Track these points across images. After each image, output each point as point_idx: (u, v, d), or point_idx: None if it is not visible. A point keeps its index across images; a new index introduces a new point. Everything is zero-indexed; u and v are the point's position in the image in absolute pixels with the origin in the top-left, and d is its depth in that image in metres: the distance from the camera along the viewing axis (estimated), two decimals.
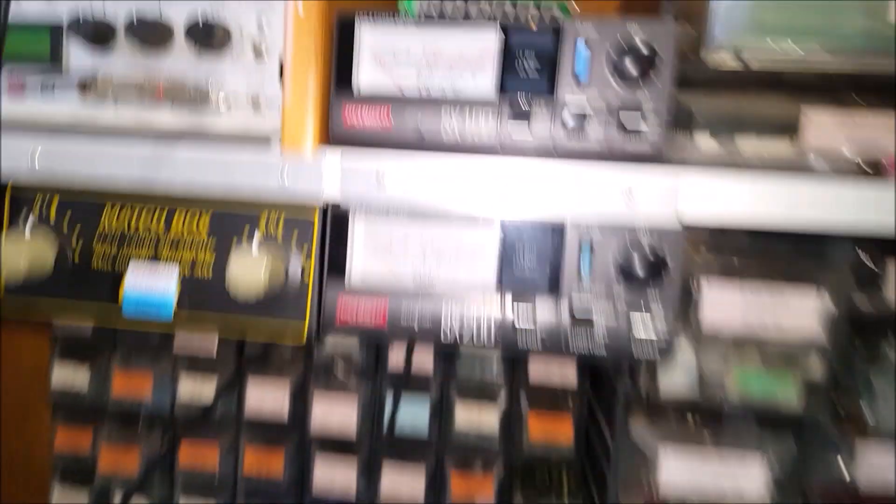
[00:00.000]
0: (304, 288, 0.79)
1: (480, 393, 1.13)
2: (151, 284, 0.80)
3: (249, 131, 0.82)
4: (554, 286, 0.76)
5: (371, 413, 1.18)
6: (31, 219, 0.83)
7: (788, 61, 0.75)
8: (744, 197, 0.73)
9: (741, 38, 0.74)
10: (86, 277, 0.82)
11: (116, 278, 0.81)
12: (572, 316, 0.76)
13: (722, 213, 0.73)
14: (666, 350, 0.75)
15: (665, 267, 0.74)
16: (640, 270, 0.73)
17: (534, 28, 0.74)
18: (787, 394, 0.91)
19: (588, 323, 0.76)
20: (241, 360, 1.21)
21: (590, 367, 1.12)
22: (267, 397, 1.21)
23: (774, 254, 0.91)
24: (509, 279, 0.77)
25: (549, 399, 1.14)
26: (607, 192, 0.74)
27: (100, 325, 0.83)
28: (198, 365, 1.23)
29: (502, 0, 0.88)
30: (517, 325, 0.76)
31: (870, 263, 0.90)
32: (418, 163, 0.76)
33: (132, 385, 1.25)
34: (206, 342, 1.20)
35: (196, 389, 1.23)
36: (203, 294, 0.81)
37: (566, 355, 0.76)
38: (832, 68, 0.74)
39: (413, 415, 1.17)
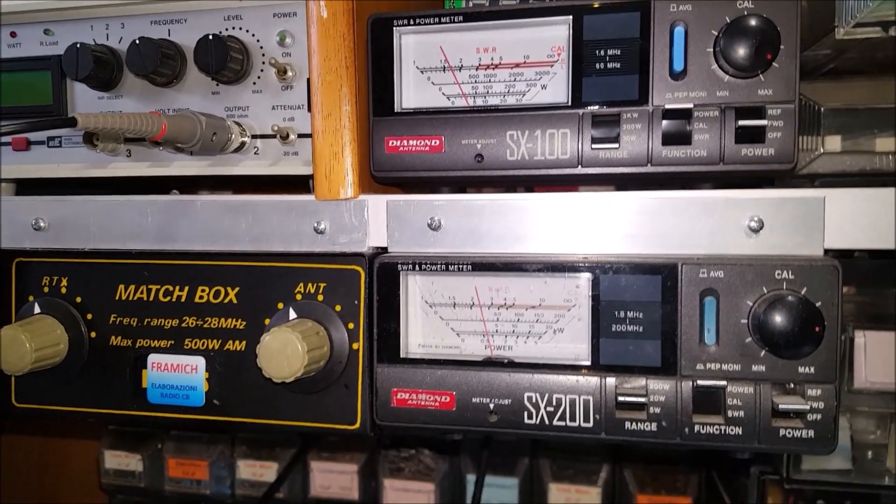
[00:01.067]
0: (354, 362, 0.64)
1: (577, 473, 0.97)
2: (177, 368, 0.67)
3: (280, 172, 0.69)
4: (668, 352, 0.58)
5: (450, 493, 1.03)
6: (40, 298, 0.71)
7: None
8: None
9: (885, 5, 0.57)
10: (104, 361, 0.70)
11: (138, 360, 0.68)
12: (695, 393, 0.58)
13: (879, 240, 0.56)
14: (825, 439, 0.56)
15: (819, 322, 0.54)
16: (782, 326, 0.54)
17: (612, 10, 0.59)
18: None
19: (716, 402, 0.58)
20: (304, 443, 1.10)
21: None
22: (334, 483, 1.08)
23: None
24: (608, 344, 0.59)
25: (660, 478, 0.96)
26: (729, 223, 0.58)
27: (123, 417, 0.69)
28: (257, 449, 1.13)
29: None
30: (622, 408, 0.59)
31: None
32: (479, 202, 0.62)
33: (188, 472, 1.15)
34: None
35: (256, 473, 1.12)
36: (237, 376, 0.67)
37: (688, 446, 0.58)
38: None
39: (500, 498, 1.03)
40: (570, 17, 0.60)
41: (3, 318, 0.72)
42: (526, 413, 0.60)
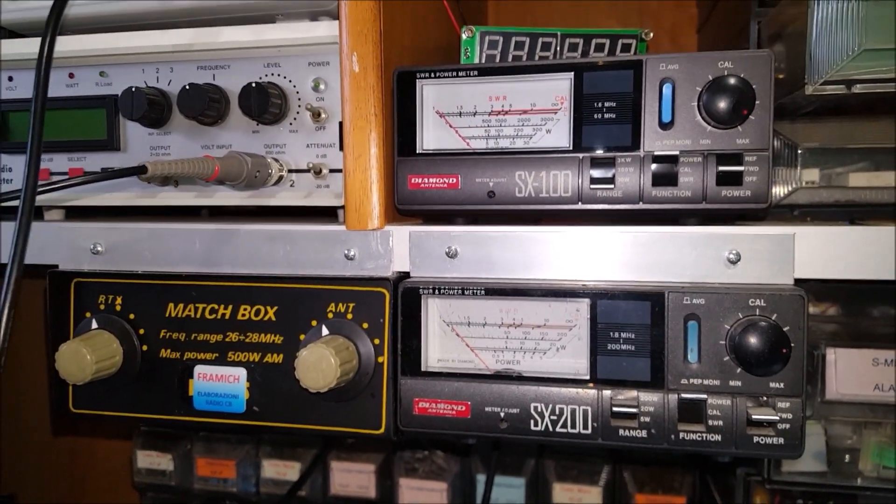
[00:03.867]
0: (379, 374, 0.72)
1: (580, 473, 1.05)
2: (220, 378, 0.75)
3: (313, 204, 0.77)
4: (657, 369, 0.66)
5: (462, 492, 1.11)
6: (96, 315, 0.79)
7: None
8: (865, 250, 0.64)
9: (850, 65, 0.65)
10: (154, 371, 0.78)
11: (185, 371, 0.77)
12: (680, 405, 0.66)
13: (848, 271, 0.64)
14: (793, 445, 0.64)
15: (786, 343, 0.63)
16: (756, 347, 0.62)
17: (609, 68, 0.67)
18: None
19: (697, 413, 0.65)
20: (324, 444, 1.18)
21: None
22: (352, 482, 1.16)
23: None
24: (604, 361, 0.67)
25: (658, 479, 1.04)
26: (710, 256, 0.66)
27: (171, 422, 0.78)
28: (280, 450, 1.21)
29: (571, 34, 0.81)
30: (616, 417, 0.67)
31: None
32: (492, 233, 0.70)
33: (216, 472, 1.23)
34: None
35: (280, 472, 1.20)
36: (274, 385, 0.75)
37: (674, 451, 0.66)
38: None
39: (508, 497, 1.11)
40: (572, 73, 0.67)
41: (60, 333, 0.80)
42: (532, 421, 0.68)
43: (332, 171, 0.76)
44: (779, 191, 0.79)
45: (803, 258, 0.64)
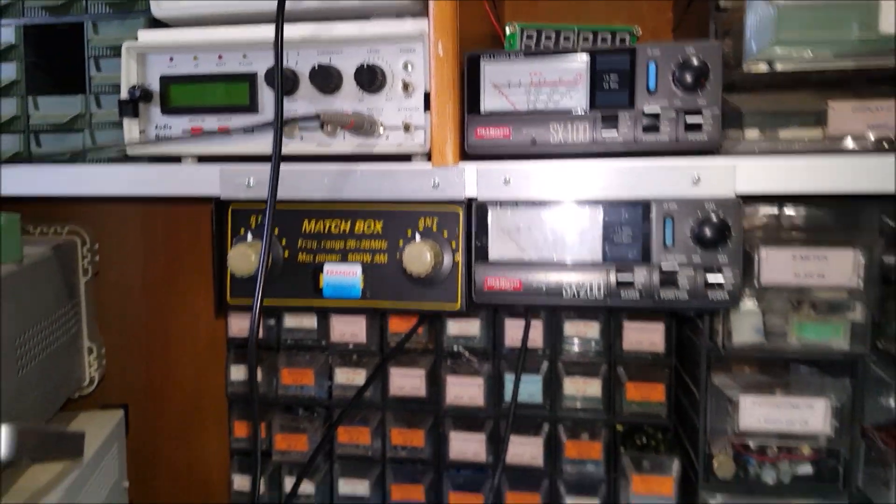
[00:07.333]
0: (456, 268, 1.02)
1: (583, 370, 1.38)
2: (343, 273, 1.06)
3: (404, 150, 1.07)
4: (646, 252, 0.95)
5: (493, 388, 1.41)
6: (250, 230, 1.08)
7: (806, 65, 0.97)
8: (786, 174, 0.95)
9: (770, 50, 0.96)
10: (294, 270, 1.06)
11: (317, 269, 1.06)
12: (661, 276, 0.95)
13: (769, 188, 0.95)
14: (734, 298, 0.94)
15: (729, 231, 0.91)
16: (709, 235, 0.91)
17: (613, 53, 0.98)
18: (837, 338, 1.12)
19: (673, 280, 0.95)
20: (383, 355, 1.47)
21: (675, 338, 1.34)
22: (406, 384, 1.44)
23: (819, 223, 1.13)
24: (611, 248, 0.96)
25: (644, 372, 1.37)
26: (681, 178, 0.94)
27: (306, 305, 1.10)
28: (348, 359, 1.48)
29: (585, 30, 1.14)
30: (619, 286, 0.96)
31: (893, 224, 1.11)
32: (534, 167, 1.00)
33: (296, 380, 1.50)
34: (357, 332, 1.46)
35: (349, 379, 1.47)
36: (381, 277, 1.05)
37: (658, 307, 0.96)
38: (842, 68, 0.96)
39: (529, 391, 1.39)
40: (588, 56, 0.99)
41: (220, 244, 1.09)
42: (564, 291, 1.00)
43: (416, 127, 1.05)
44: (724, 142, 1.10)
45: (741, 180, 0.96)
